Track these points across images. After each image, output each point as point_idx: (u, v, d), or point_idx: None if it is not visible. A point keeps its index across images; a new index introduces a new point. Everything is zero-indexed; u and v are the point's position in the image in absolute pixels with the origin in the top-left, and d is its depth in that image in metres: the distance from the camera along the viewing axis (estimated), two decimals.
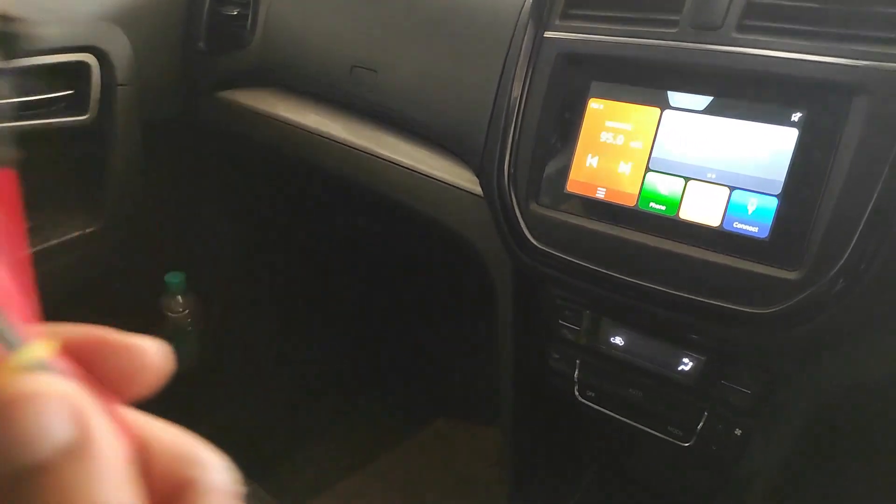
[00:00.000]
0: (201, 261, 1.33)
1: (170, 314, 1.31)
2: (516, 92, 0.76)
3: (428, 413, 1.33)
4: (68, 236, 1.12)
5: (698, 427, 0.75)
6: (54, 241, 1.10)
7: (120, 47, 1.08)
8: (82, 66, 1.05)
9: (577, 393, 0.83)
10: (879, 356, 0.64)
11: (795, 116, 0.60)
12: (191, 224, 1.33)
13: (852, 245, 0.56)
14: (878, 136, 0.56)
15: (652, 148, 0.68)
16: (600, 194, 0.71)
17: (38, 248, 1.09)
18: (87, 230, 1.14)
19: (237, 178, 1.32)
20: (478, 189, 0.83)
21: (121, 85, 1.08)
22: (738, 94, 0.63)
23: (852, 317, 0.59)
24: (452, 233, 0.88)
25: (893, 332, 0.61)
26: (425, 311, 1.40)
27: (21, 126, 1.01)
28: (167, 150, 1.21)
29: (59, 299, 1.16)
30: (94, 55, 1.05)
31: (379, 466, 1.26)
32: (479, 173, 0.83)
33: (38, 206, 1.11)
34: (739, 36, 0.62)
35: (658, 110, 0.67)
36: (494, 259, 0.84)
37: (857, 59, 0.57)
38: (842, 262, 0.57)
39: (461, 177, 0.86)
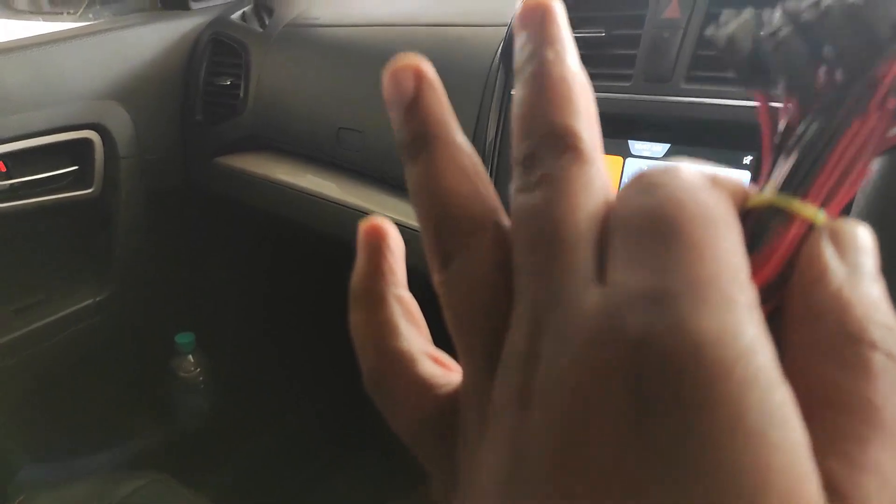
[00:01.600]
0: (210, 320, 1.37)
1: (181, 374, 1.34)
2: (490, 137, 0.80)
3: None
4: (80, 305, 1.17)
5: None
6: (67, 311, 1.15)
7: (121, 122, 1.13)
8: (86, 143, 1.11)
9: None
10: None
11: (747, 159, 0.63)
12: (198, 285, 1.37)
13: None
14: None
15: None
16: None
17: (52, 318, 1.13)
18: (98, 298, 1.18)
19: (238, 238, 1.36)
20: None
21: (123, 158, 1.14)
22: (692, 140, 0.66)
23: None
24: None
25: None
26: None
27: (29, 203, 1.07)
28: (170, 216, 1.26)
29: (74, 364, 1.21)
30: (97, 131, 1.11)
31: None
32: None
33: (49, 277, 1.16)
34: (688, 87, 0.66)
35: (621, 159, 0.71)
36: None
37: None
38: None
39: None
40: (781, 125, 0.19)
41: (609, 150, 0.72)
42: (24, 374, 1.12)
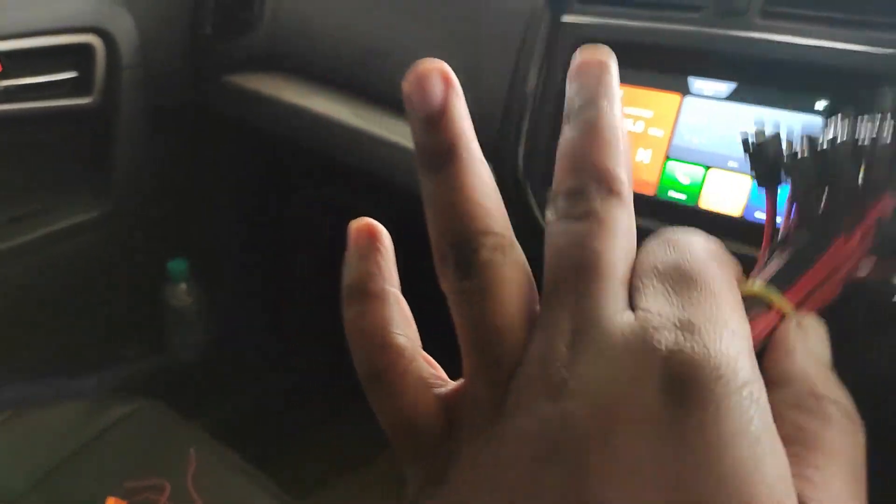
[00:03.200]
0: (205, 249, 1.32)
1: (173, 302, 1.30)
2: (532, 80, 0.75)
3: None
4: (74, 221, 1.11)
5: None
6: (60, 225, 1.09)
7: (125, 29, 1.06)
8: (87, 48, 1.04)
9: None
10: None
11: (820, 104, 0.59)
12: (195, 210, 1.31)
13: None
14: None
15: (672, 135, 0.67)
16: None
17: (43, 231, 1.08)
18: (93, 215, 1.13)
19: (243, 164, 1.30)
20: None
21: (126, 68, 1.07)
22: (762, 80, 0.62)
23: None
24: None
25: None
26: (432, 304, 1.39)
27: (24, 108, 1.00)
28: (173, 136, 1.20)
29: (62, 285, 1.15)
30: (99, 36, 1.04)
31: (385, 460, 1.25)
32: (491, 160, 0.82)
33: (44, 190, 1.10)
34: (763, 22, 0.61)
35: (679, 96, 0.66)
36: None
37: (883, 47, 0.56)
38: None
39: None
40: (782, 231, 0.23)
41: (666, 86, 0.67)
42: (13, 286, 1.07)
